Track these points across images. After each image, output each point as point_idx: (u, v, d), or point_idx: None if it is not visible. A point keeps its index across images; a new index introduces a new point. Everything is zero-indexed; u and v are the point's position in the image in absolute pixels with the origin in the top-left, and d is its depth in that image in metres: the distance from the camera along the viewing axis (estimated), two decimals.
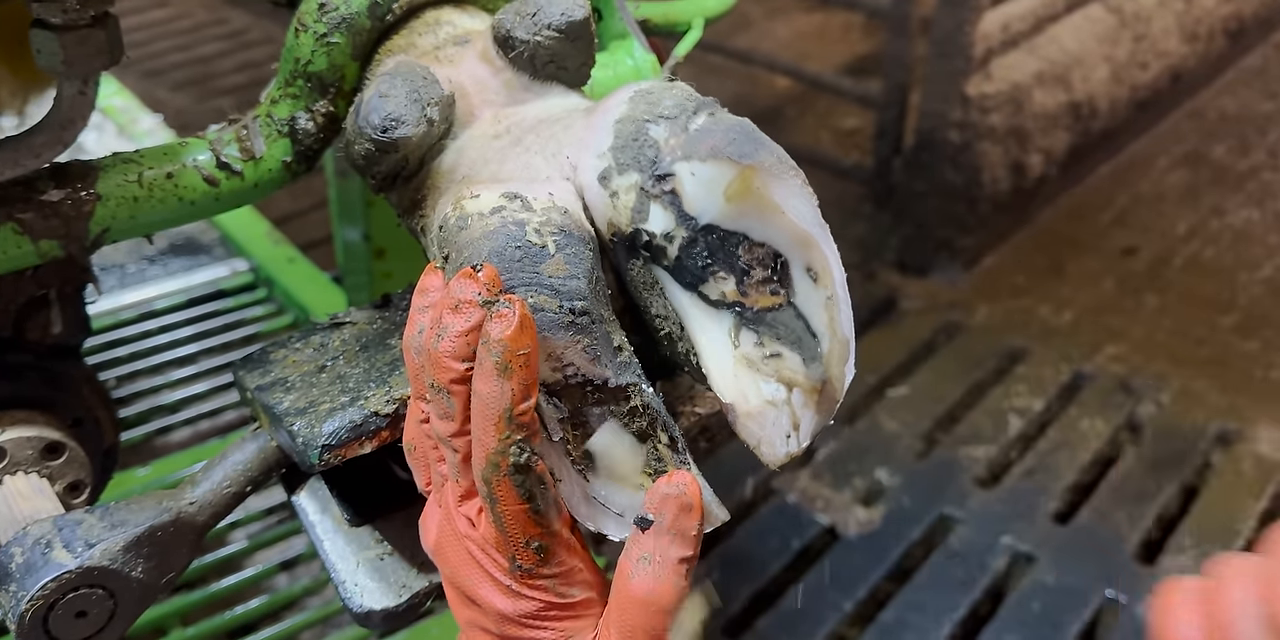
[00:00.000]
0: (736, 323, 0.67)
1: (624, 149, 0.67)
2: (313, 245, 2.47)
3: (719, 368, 0.68)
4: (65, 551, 0.73)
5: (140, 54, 3.50)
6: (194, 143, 0.85)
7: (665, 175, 0.66)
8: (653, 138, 0.67)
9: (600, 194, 0.68)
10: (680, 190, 0.66)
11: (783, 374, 0.66)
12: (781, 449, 0.67)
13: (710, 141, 0.65)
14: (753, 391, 0.67)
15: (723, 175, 0.65)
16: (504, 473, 0.60)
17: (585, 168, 0.69)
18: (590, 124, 0.70)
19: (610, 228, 0.68)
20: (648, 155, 0.67)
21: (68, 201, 0.79)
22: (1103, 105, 3.00)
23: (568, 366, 0.64)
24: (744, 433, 0.68)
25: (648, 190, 0.66)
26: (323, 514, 0.83)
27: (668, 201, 0.66)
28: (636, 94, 0.69)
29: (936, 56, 2.66)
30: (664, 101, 0.68)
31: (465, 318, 0.60)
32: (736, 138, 0.65)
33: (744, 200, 0.65)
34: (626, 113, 0.68)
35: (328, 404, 0.76)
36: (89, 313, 0.97)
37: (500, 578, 0.64)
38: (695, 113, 0.67)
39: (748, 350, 0.67)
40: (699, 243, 0.66)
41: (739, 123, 0.66)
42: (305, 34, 0.81)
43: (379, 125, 0.72)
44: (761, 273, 0.66)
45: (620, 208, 0.67)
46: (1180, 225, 2.92)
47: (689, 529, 0.62)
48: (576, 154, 0.70)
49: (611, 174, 0.67)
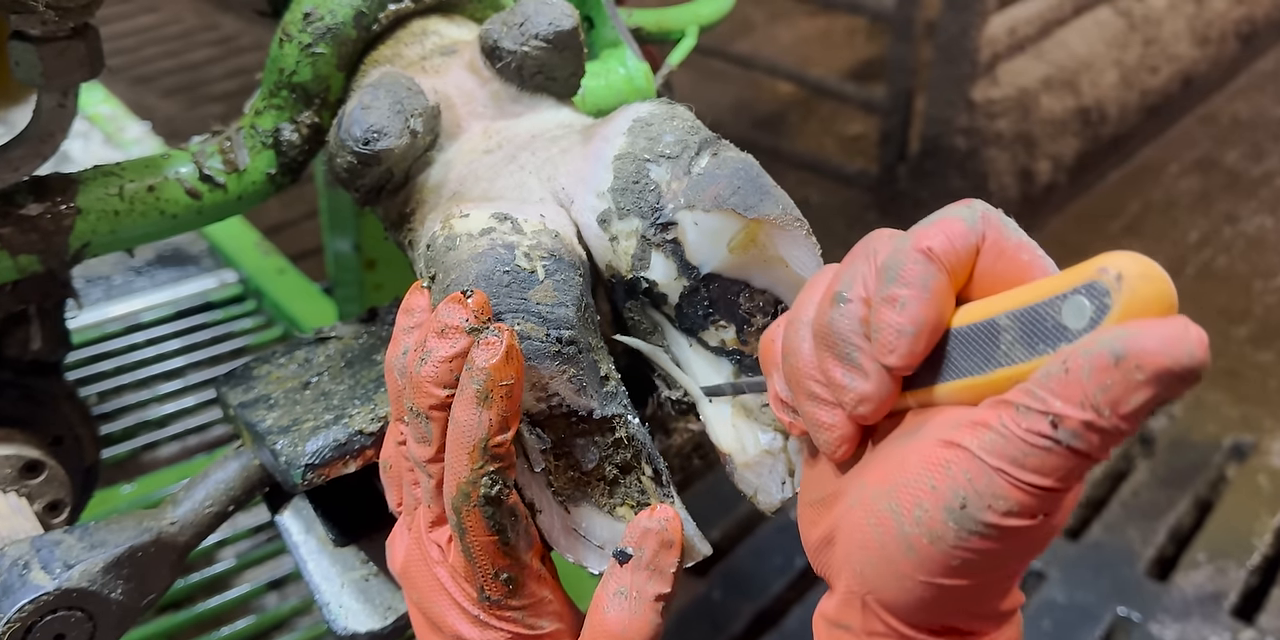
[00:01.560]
0: (736, 371, 0.68)
1: (624, 192, 0.67)
2: (303, 256, 2.47)
3: (717, 417, 0.69)
4: (43, 573, 0.73)
5: (129, 60, 3.51)
6: (176, 155, 0.85)
7: (668, 224, 0.66)
8: (654, 180, 0.67)
9: (600, 237, 0.68)
10: (683, 240, 0.66)
11: (779, 423, 0.67)
12: (777, 496, 0.68)
13: (714, 189, 0.65)
14: (750, 442, 0.67)
15: (727, 227, 0.65)
16: (474, 503, 0.60)
17: (584, 207, 0.69)
18: (589, 155, 0.70)
19: (609, 271, 0.69)
20: (649, 201, 0.67)
21: (47, 216, 0.79)
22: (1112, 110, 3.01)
23: (552, 396, 0.64)
24: (741, 483, 0.68)
25: (649, 238, 0.67)
26: (307, 534, 0.83)
27: (670, 251, 0.66)
28: (636, 125, 0.69)
29: (942, 61, 2.67)
30: (665, 137, 0.68)
31: (450, 343, 0.60)
32: (741, 186, 0.65)
33: (748, 252, 0.65)
34: (626, 148, 0.68)
35: (311, 422, 0.76)
36: (71, 327, 0.97)
37: (468, 607, 0.64)
38: (698, 153, 0.67)
39: (746, 399, 0.68)
40: (700, 291, 0.67)
41: (743, 166, 0.66)
42: (290, 44, 0.82)
43: (361, 137, 0.72)
44: (762, 320, 0.67)
45: (620, 253, 0.68)
46: (1192, 233, 2.92)
47: (668, 566, 0.63)
48: (573, 187, 0.70)
49: (611, 218, 0.68)
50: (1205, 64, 3.38)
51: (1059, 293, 0.45)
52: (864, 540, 0.51)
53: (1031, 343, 0.46)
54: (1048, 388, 0.43)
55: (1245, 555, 1.99)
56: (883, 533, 0.50)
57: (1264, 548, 2.02)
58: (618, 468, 0.66)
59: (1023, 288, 0.48)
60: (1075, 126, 2.88)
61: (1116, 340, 0.41)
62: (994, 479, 0.45)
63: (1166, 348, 0.41)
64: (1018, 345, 0.46)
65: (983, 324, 0.48)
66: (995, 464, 0.45)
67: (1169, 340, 0.41)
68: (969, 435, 0.46)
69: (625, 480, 0.67)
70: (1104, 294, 0.43)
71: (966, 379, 0.49)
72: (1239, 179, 3.17)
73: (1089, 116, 2.93)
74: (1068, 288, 0.44)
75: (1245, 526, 2.05)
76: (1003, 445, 0.45)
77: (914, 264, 0.49)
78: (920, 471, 0.48)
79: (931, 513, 0.47)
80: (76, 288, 0.95)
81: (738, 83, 3.47)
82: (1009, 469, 0.45)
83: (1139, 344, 0.41)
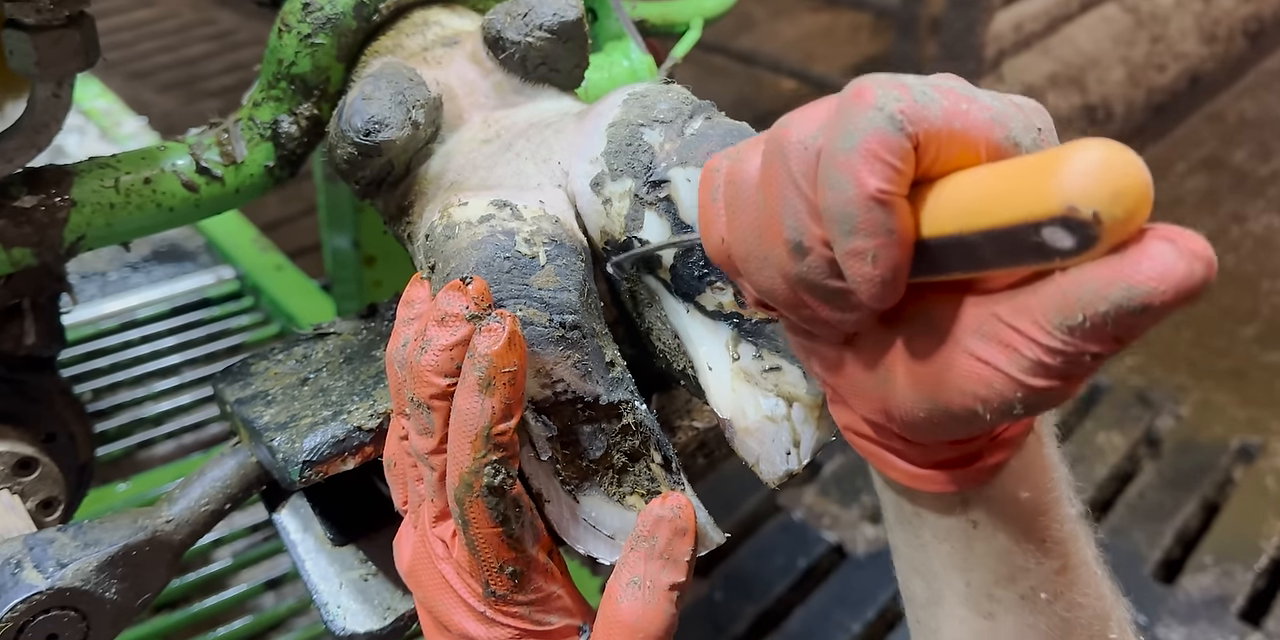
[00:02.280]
0: (735, 335, 0.67)
1: (617, 154, 0.67)
2: (301, 252, 2.47)
3: (717, 382, 0.67)
4: (36, 572, 0.72)
5: (125, 55, 3.51)
6: (173, 147, 0.85)
7: (660, 181, 0.65)
8: (647, 142, 0.66)
9: (593, 201, 0.67)
10: (676, 197, 0.65)
11: (782, 388, 0.65)
12: (781, 467, 0.66)
13: (707, 146, 0.65)
14: (751, 407, 0.66)
15: None
16: (477, 494, 0.59)
17: (577, 174, 0.68)
18: (583, 128, 0.70)
19: (603, 236, 0.68)
20: (642, 161, 0.66)
21: (41, 208, 0.79)
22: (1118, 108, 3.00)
23: (557, 383, 0.63)
24: (742, 449, 0.67)
25: (642, 197, 0.66)
26: (305, 533, 0.82)
27: (663, 209, 0.66)
28: (630, 97, 0.69)
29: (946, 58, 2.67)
30: (659, 105, 0.68)
31: (451, 331, 0.60)
32: (733, 142, 0.64)
33: None
34: (620, 116, 0.68)
35: (309, 418, 0.76)
36: (64, 323, 0.96)
37: (474, 604, 0.63)
38: (691, 116, 0.67)
39: (746, 364, 0.66)
40: (695, 251, 0.66)
41: (737, 126, 0.66)
42: (289, 35, 0.81)
43: (361, 128, 0.71)
44: None
45: (613, 215, 0.67)
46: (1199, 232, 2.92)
47: (682, 554, 0.62)
48: (568, 159, 0.69)
49: (604, 180, 0.67)
50: (1213, 62, 3.38)
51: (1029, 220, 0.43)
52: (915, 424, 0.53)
53: (1017, 256, 0.45)
54: (1076, 337, 0.44)
55: (1253, 558, 1.98)
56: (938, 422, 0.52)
57: (1271, 550, 2.01)
58: (626, 455, 0.66)
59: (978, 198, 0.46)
60: (1081, 124, 2.88)
61: (1133, 299, 0.42)
62: (1043, 391, 0.47)
63: (1182, 287, 0.42)
64: (1002, 257, 0.45)
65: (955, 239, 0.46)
66: (1041, 384, 0.46)
67: (1183, 279, 0.42)
68: (1003, 358, 0.47)
69: (634, 468, 0.66)
70: (1084, 228, 0.42)
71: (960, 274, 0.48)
72: (1246, 178, 3.16)
73: (1095, 114, 2.92)
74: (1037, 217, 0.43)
75: (1253, 529, 2.04)
76: (1042, 370, 0.46)
77: (867, 212, 0.46)
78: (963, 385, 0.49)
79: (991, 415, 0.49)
80: (71, 283, 0.94)
81: (739, 79, 3.46)
82: (1054, 383, 0.46)
83: (1157, 298, 0.42)
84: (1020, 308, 0.46)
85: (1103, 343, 0.44)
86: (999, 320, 0.47)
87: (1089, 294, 0.43)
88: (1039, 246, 0.43)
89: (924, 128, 0.46)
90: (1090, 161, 0.41)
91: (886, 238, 0.46)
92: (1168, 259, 0.42)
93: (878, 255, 0.47)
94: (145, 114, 2.63)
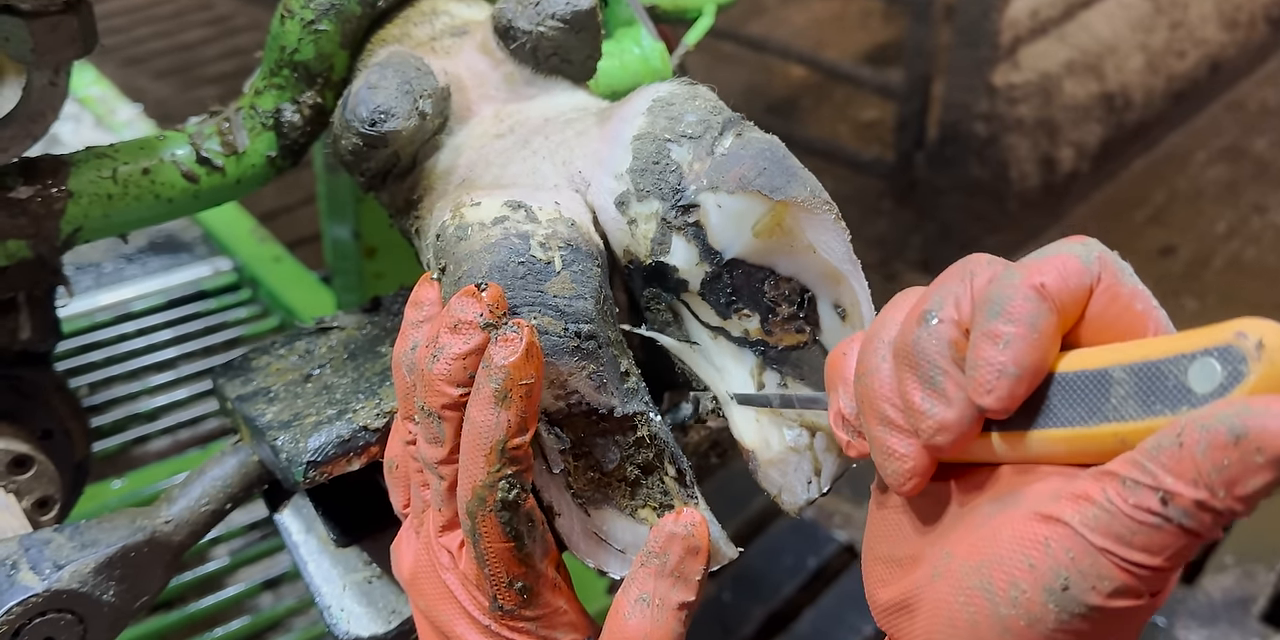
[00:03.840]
0: (760, 362, 0.67)
1: (644, 172, 0.66)
2: (300, 243, 2.46)
3: (741, 413, 0.68)
4: (32, 573, 0.72)
5: (120, 41, 3.50)
6: (172, 137, 0.84)
7: (690, 206, 0.65)
8: (675, 161, 0.65)
9: (617, 220, 0.67)
10: (705, 223, 0.65)
11: (806, 418, 0.66)
12: (802, 496, 0.66)
13: (738, 170, 0.64)
14: (775, 438, 0.66)
15: (752, 210, 0.64)
16: (490, 508, 0.59)
17: (601, 189, 0.67)
18: (606, 137, 0.69)
19: (627, 256, 0.67)
20: (670, 182, 0.65)
21: (37, 199, 0.78)
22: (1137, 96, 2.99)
23: (572, 394, 0.63)
24: (765, 482, 0.67)
25: (670, 221, 0.65)
26: (307, 534, 0.82)
27: (691, 234, 0.65)
28: (655, 105, 0.68)
29: (961, 44, 2.66)
30: (686, 116, 0.66)
31: (464, 340, 0.59)
32: (767, 168, 0.63)
33: (773, 236, 0.64)
34: (645, 128, 0.67)
35: (313, 417, 0.75)
36: (61, 316, 0.96)
37: (479, 617, 0.62)
38: (721, 133, 0.66)
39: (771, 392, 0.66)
40: (723, 278, 0.66)
41: (768, 146, 0.65)
42: (291, 21, 0.80)
43: (367, 118, 0.71)
44: (788, 309, 0.66)
45: (639, 237, 0.66)
46: (1220, 223, 2.91)
47: (693, 573, 0.61)
48: (590, 170, 0.68)
49: (630, 200, 0.66)
50: (1233, 49, 3.36)
51: (1186, 351, 0.43)
52: (953, 618, 0.50)
53: (1148, 401, 0.44)
54: (1159, 461, 0.42)
55: (1275, 559, 1.98)
56: (974, 612, 0.48)
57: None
58: (639, 468, 0.65)
59: (1141, 341, 0.46)
60: (1099, 113, 2.87)
61: (1237, 417, 0.40)
62: (1099, 558, 0.44)
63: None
64: (1131, 401, 0.44)
65: (1094, 372, 0.46)
66: (1100, 543, 0.44)
67: None
68: (1070, 509, 0.45)
69: (647, 481, 0.66)
70: (1239, 360, 0.41)
71: (1066, 429, 0.47)
72: (1268, 168, 3.15)
73: (1113, 102, 2.91)
74: (1197, 347, 0.42)
75: (1275, 529, 2.04)
76: (1108, 521, 0.43)
77: (1024, 300, 0.47)
78: (1016, 547, 0.47)
79: (1030, 594, 0.46)
80: (66, 275, 0.94)
81: (749, 66, 3.45)
82: (1115, 547, 0.43)
83: (1262, 424, 0.39)
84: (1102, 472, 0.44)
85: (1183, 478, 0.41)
86: (1079, 477, 0.46)
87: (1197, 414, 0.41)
88: (1177, 390, 0.43)
89: (1110, 281, 0.47)
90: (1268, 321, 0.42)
91: (1029, 329, 0.47)
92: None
93: (1012, 342, 0.47)
94: (141, 101, 2.63)
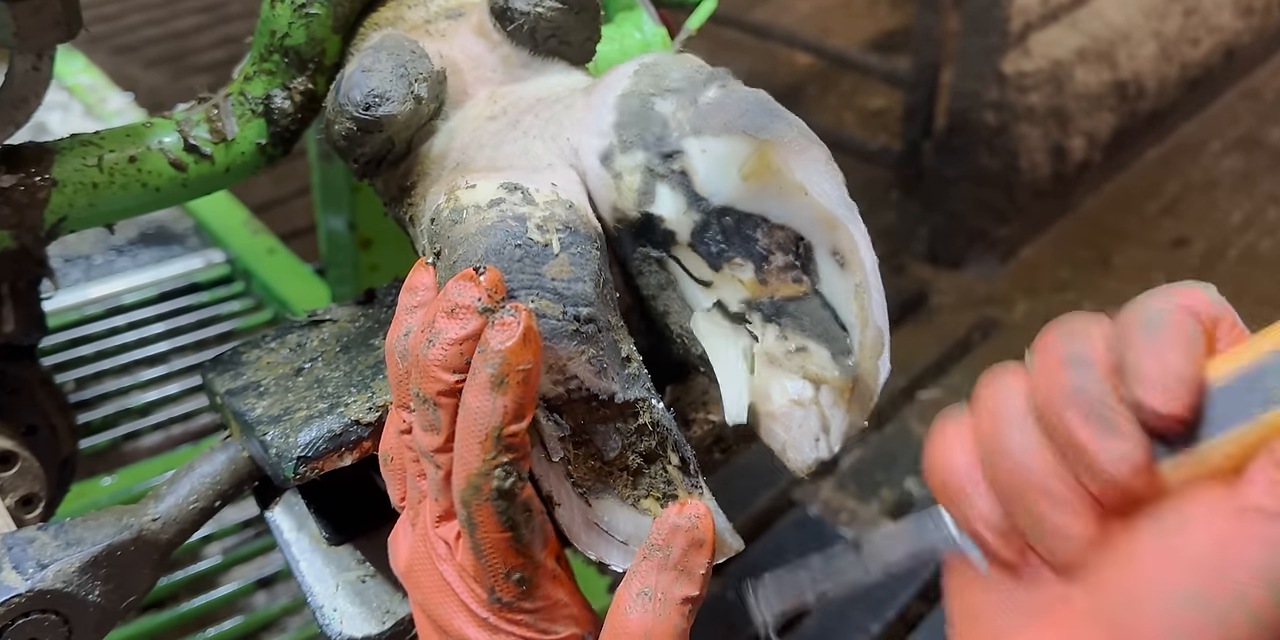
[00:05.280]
0: (762, 318, 0.66)
1: (628, 126, 0.65)
2: (294, 235, 2.46)
3: (729, 366, 0.67)
4: (15, 573, 0.72)
5: (111, 28, 3.50)
6: (160, 124, 0.84)
7: (673, 153, 0.64)
8: (659, 113, 0.65)
9: (602, 176, 0.66)
10: (690, 169, 0.64)
11: (809, 370, 0.64)
12: (810, 454, 0.65)
13: (722, 115, 0.63)
14: (776, 390, 0.65)
15: (737, 151, 0.63)
16: (485, 497, 0.58)
17: (586, 149, 0.67)
18: (591, 102, 0.68)
19: (614, 213, 0.67)
20: (654, 132, 0.65)
21: (20, 187, 0.78)
22: (1150, 84, 2.98)
23: (571, 379, 0.62)
24: (767, 436, 0.66)
25: (655, 170, 0.65)
26: (299, 531, 0.81)
27: (677, 181, 0.64)
28: (642, 67, 0.68)
29: (970, 31, 2.65)
30: (671, 74, 0.66)
31: (461, 324, 0.58)
32: (750, 109, 0.63)
33: (761, 179, 0.63)
34: (631, 87, 0.67)
35: (304, 411, 0.75)
36: (47, 309, 0.96)
37: (477, 609, 0.62)
38: (705, 84, 0.65)
39: (770, 344, 0.65)
40: (712, 226, 0.64)
41: (753, 93, 0.64)
42: (282, 4, 0.80)
43: (361, 102, 0.70)
44: (783, 258, 0.64)
45: (625, 190, 0.66)
46: (1235, 214, 2.90)
47: (697, 566, 0.61)
48: (577, 135, 0.68)
49: (614, 153, 0.66)
50: (1249, 36, 3.35)
51: None
52: None
53: None
54: None
55: None
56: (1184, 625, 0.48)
57: None
58: (641, 456, 0.65)
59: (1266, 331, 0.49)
60: (1111, 101, 2.86)
61: None
62: None
63: None
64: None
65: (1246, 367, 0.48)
66: None
67: None
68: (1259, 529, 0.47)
69: (650, 470, 0.65)
70: None
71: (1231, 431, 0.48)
72: None
73: (1126, 91, 2.90)
74: None
75: None
76: None
77: (1183, 317, 0.49)
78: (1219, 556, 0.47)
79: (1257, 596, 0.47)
80: (53, 267, 0.93)
81: (753, 53, 3.45)
82: None
83: None
84: None
85: None
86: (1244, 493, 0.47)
87: None
88: None
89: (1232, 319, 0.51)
90: None
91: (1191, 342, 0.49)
92: None
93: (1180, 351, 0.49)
94: (132, 90, 2.63)
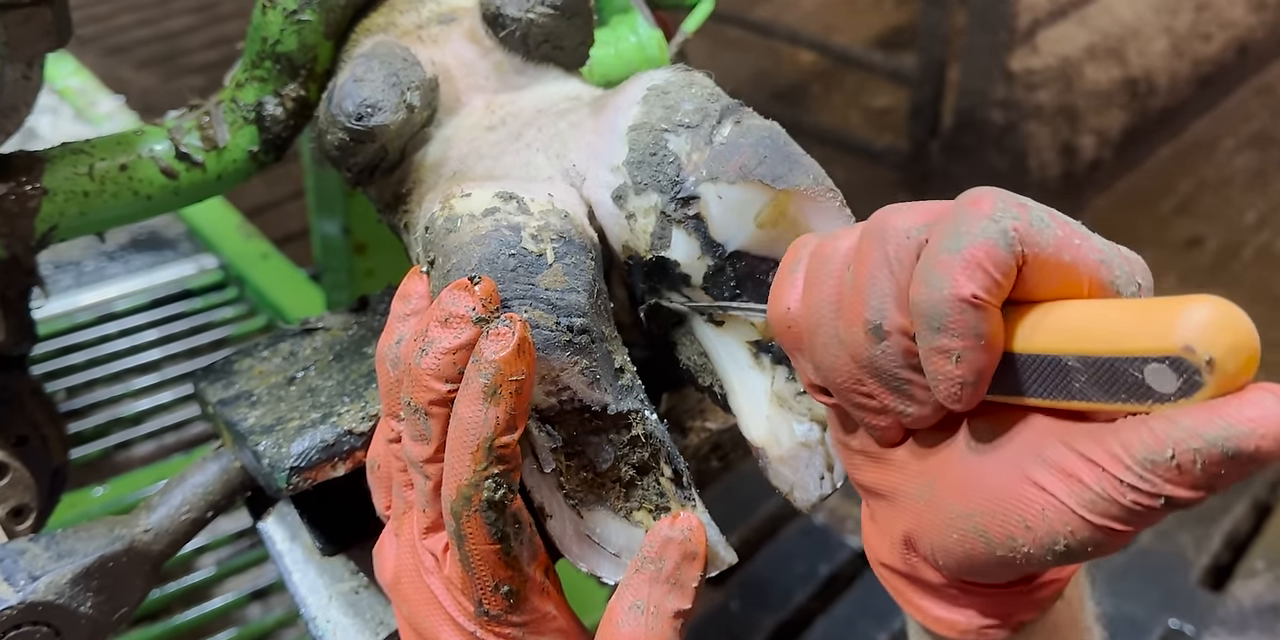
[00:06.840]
0: (771, 360, 0.68)
1: (641, 164, 0.66)
2: (288, 240, 2.47)
3: (751, 408, 0.68)
4: (6, 585, 0.72)
5: (101, 29, 3.51)
6: (151, 131, 0.84)
7: (689, 198, 0.65)
8: (673, 152, 0.66)
9: (615, 215, 0.67)
10: (706, 215, 0.65)
11: (816, 412, 0.67)
12: (815, 492, 0.67)
13: (738, 159, 0.64)
14: (785, 433, 0.67)
15: (754, 200, 0.64)
16: (475, 509, 0.59)
17: (597, 183, 0.68)
18: (600, 128, 0.69)
19: (626, 251, 0.68)
20: (668, 173, 0.66)
21: (11, 197, 0.79)
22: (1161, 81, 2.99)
23: (564, 390, 0.63)
24: (776, 479, 0.68)
25: (669, 214, 0.66)
26: (292, 542, 0.82)
27: (692, 227, 0.66)
28: (651, 93, 0.68)
29: (977, 28, 2.65)
30: (683, 105, 0.67)
31: (455, 334, 0.59)
32: (768, 156, 0.64)
33: (777, 226, 0.65)
34: (641, 119, 0.67)
35: (297, 421, 0.76)
36: (37, 317, 0.96)
37: (464, 622, 0.63)
38: (720, 121, 0.66)
39: (779, 386, 0.67)
40: (726, 271, 0.66)
41: (768, 133, 0.65)
42: (273, 10, 0.81)
43: (353, 112, 0.71)
44: None
45: (639, 232, 0.67)
46: (1249, 213, 2.91)
47: (690, 579, 0.62)
48: (585, 163, 0.69)
49: (628, 193, 0.67)
50: (1262, 31, 3.36)
51: (1137, 354, 0.46)
52: (944, 545, 0.55)
53: (1111, 390, 0.47)
54: (1157, 474, 0.46)
55: None
56: (969, 549, 0.54)
57: None
58: (634, 468, 0.66)
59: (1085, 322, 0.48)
60: (1122, 99, 2.87)
61: (1229, 440, 0.44)
62: (1095, 532, 0.49)
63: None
64: (1093, 388, 0.48)
65: (1050, 359, 0.49)
66: (1099, 522, 0.48)
67: None
68: (1063, 488, 0.49)
69: (643, 482, 0.66)
70: (1193, 372, 0.44)
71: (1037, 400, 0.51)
72: None
73: (1136, 88, 2.91)
74: (1148, 352, 0.45)
75: None
76: (1106, 507, 0.48)
77: (960, 313, 0.49)
78: (1010, 506, 0.51)
79: (1028, 549, 0.51)
80: (43, 275, 0.94)
81: (756, 52, 3.45)
82: (1111, 524, 0.48)
83: (1254, 443, 0.44)
84: (1098, 438, 0.48)
85: (1183, 486, 0.46)
86: (1068, 448, 0.49)
87: (1182, 431, 0.45)
88: (1137, 385, 0.46)
89: (1033, 250, 0.49)
90: (1211, 313, 0.44)
91: (974, 341, 0.49)
92: (1271, 407, 0.44)
93: (964, 356, 0.50)
94: (123, 92, 2.64)
